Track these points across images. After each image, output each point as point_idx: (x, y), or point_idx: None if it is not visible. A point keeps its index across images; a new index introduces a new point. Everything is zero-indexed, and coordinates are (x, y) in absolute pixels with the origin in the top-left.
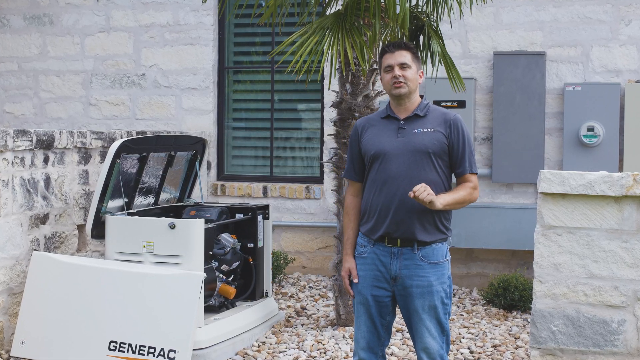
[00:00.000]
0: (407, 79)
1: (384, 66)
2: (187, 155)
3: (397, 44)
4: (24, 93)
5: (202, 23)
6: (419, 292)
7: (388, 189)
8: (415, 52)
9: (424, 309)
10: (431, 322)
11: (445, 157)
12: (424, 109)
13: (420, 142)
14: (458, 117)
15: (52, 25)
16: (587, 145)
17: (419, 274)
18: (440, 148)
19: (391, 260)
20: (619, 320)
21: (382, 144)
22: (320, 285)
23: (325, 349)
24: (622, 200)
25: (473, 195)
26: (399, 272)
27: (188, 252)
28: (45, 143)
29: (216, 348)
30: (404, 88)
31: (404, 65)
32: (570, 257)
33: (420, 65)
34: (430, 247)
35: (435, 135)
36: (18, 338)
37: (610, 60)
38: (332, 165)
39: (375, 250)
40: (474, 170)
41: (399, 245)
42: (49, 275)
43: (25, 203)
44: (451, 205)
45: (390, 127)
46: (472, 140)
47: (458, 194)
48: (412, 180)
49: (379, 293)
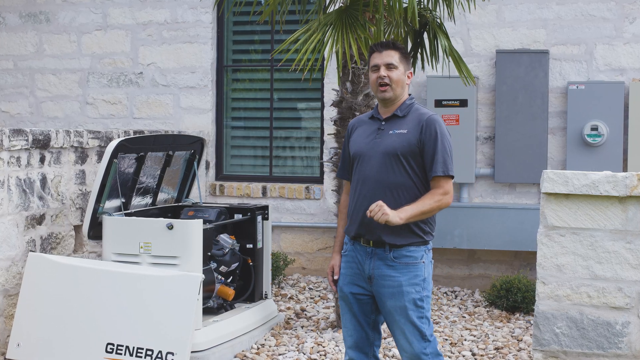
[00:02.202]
0: (392, 80)
1: (371, 65)
2: (185, 154)
3: (385, 43)
4: (19, 92)
5: (201, 21)
6: (389, 293)
7: (360, 191)
8: (404, 52)
9: (396, 310)
10: (405, 325)
11: (417, 159)
12: (405, 109)
13: (391, 144)
14: (433, 118)
15: (49, 23)
16: (591, 144)
17: (390, 274)
18: (410, 150)
19: (366, 260)
20: (623, 322)
21: (361, 144)
22: (320, 286)
23: (325, 351)
24: (626, 200)
25: (442, 202)
26: (372, 272)
27: (186, 253)
28: (42, 142)
29: (215, 350)
30: (389, 92)
31: (390, 66)
32: (573, 258)
33: (409, 65)
34: (404, 249)
35: (406, 136)
36: (14, 340)
37: (614, 58)
38: (332, 165)
39: (354, 249)
40: (448, 173)
41: (371, 245)
42: (45, 277)
43: (21, 203)
44: (415, 217)
45: (372, 127)
46: (448, 141)
47: (423, 204)
48: (380, 183)
49: (358, 291)
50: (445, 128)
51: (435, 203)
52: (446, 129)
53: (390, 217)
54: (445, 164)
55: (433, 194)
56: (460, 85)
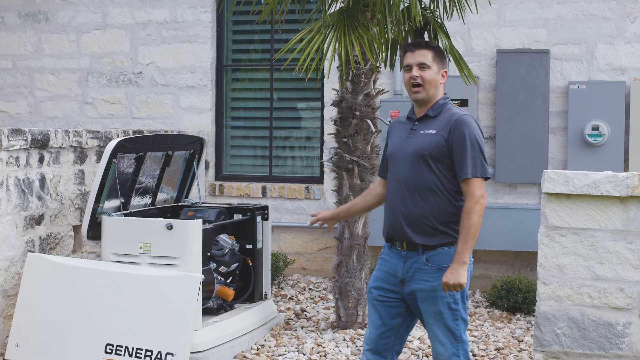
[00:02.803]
0: (425, 80)
1: (404, 65)
2: (185, 154)
3: (418, 42)
4: (18, 91)
5: (200, 20)
6: (423, 297)
7: (390, 191)
8: (438, 51)
9: (430, 314)
10: (438, 329)
11: (445, 160)
12: (437, 109)
13: (420, 145)
14: (462, 119)
15: (48, 22)
16: (592, 144)
17: (423, 278)
18: (438, 151)
19: (399, 263)
20: (624, 322)
21: (394, 145)
22: (321, 287)
23: (325, 352)
24: (627, 200)
25: (479, 211)
26: (405, 276)
27: (186, 253)
28: (41, 142)
29: (214, 351)
30: (421, 94)
31: (423, 66)
32: (574, 259)
33: (444, 64)
34: (436, 251)
35: (435, 137)
36: (12, 341)
37: (615, 58)
38: (333, 165)
39: (390, 253)
40: (478, 175)
41: (405, 248)
42: (44, 277)
43: (20, 203)
44: (471, 241)
45: (407, 127)
46: (478, 142)
47: (467, 233)
48: (408, 183)
49: (387, 294)
50: (476, 128)
51: (475, 219)
52: (478, 129)
53: (459, 278)
54: (475, 165)
55: (465, 212)
56: (460, 84)
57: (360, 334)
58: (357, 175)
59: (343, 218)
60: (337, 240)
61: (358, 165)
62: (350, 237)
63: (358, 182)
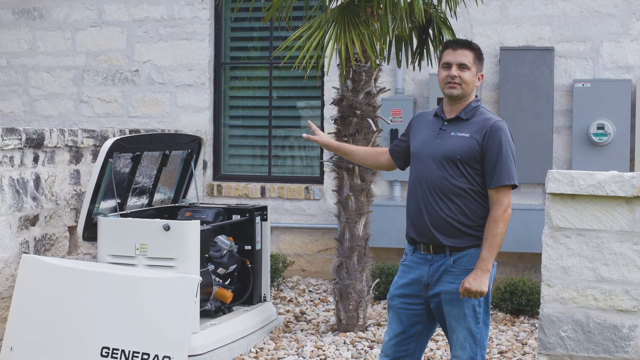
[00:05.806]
0: (463, 81)
1: (442, 62)
2: (182, 154)
3: (462, 42)
4: (13, 90)
5: (198, 17)
6: (448, 299)
7: (414, 191)
8: (479, 53)
9: (453, 316)
10: (461, 332)
11: (476, 165)
12: (469, 111)
13: (451, 147)
14: (498, 125)
15: (42, 19)
16: (597, 144)
17: (450, 280)
18: (471, 155)
19: (424, 267)
20: (630, 325)
21: (420, 142)
22: (320, 289)
23: (325, 355)
24: (633, 201)
25: (504, 218)
26: (430, 279)
27: (183, 254)
28: (35, 142)
29: (212, 354)
30: (458, 90)
31: (463, 66)
32: (579, 260)
33: (482, 66)
34: (464, 253)
35: (469, 141)
36: (7, 344)
37: (620, 55)
38: (333, 164)
39: (414, 258)
40: (506, 182)
41: (431, 251)
42: (39, 279)
43: (14, 204)
44: (497, 249)
45: (435, 126)
46: (512, 150)
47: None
48: (435, 185)
49: (409, 300)
50: (509, 135)
51: (502, 227)
52: (511, 136)
53: (482, 286)
54: (509, 173)
55: (490, 220)
56: None
57: (361, 337)
58: (358, 175)
59: (333, 150)
60: (338, 242)
61: (359, 165)
62: (350, 238)
63: (359, 182)
